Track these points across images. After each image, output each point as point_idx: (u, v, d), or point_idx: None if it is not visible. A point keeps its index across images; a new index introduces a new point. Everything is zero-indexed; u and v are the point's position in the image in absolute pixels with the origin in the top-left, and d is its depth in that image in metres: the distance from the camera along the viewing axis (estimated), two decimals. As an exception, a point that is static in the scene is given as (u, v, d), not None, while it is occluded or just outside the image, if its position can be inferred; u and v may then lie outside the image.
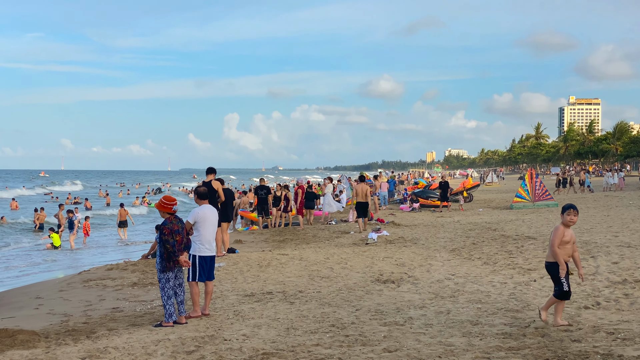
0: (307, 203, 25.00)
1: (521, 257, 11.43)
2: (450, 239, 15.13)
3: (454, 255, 12.42)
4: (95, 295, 9.82)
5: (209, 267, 8.02)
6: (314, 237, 17.90)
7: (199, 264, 7.90)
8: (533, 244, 12.93)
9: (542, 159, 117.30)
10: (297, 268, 11.31)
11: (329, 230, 19.30)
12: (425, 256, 12.39)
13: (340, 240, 16.28)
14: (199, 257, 7.91)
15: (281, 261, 12.04)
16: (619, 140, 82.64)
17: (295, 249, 14.34)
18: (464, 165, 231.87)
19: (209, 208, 8.17)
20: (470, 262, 11.36)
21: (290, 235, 18.53)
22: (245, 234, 20.02)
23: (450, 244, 14.10)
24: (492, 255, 11.84)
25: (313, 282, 9.95)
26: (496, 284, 9.23)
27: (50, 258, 18.31)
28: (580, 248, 11.74)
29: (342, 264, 11.69)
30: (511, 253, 11.93)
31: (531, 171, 28.97)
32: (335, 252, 13.37)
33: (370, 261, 11.92)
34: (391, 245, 14.52)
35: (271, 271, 11.06)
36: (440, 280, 9.70)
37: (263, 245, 16.79)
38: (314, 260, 12.08)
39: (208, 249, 7.99)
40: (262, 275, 10.67)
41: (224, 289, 9.61)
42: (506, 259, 11.35)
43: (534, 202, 27.47)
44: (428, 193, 30.34)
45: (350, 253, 13.11)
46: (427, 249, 13.56)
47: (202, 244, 7.92)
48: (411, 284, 9.54)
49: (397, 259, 12.05)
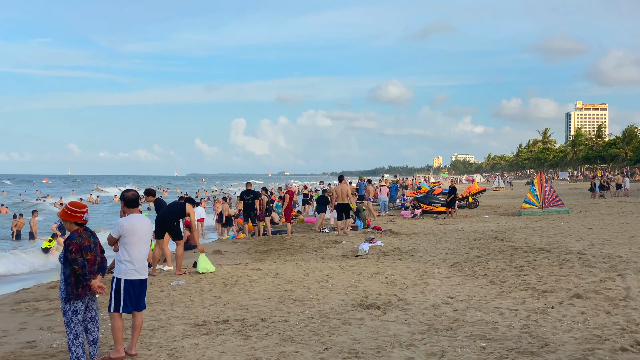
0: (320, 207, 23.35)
1: (534, 274, 9.65)
2: (451, 251, 13.36)
3: (454, 271, 10.64)
4: (18, 322, 8.09)
5: (138, 293, 6.28)
6: (301, 247, 16.15)
7: (124, 290, 6.16)
8: (547, 257, 11.14)
9: (550, 164, 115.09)
10: (268, 287, 9.56)
11: (319, 239, 17.55)
12: (421, 272, 10.63)
13: (329, 252, 14.52)
14: (124, 282, 6.17)
15: (252, 278, 10.30)
16: (628, 144, 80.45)
17: (274, 263, 12.59)
18: (470, 170, 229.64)
19: (140, 218, 6.43)
20: (473, 281, 9.59)
21: (276, 245, 16.79)
22: (227, 244, 18.29)
23: (451, 257, 12.33)
24: (500, 272, 10.05)
25: (282, 307, 8.20)
26: (504, 311, 7.46)
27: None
28: (602, 264, 9.96)
29: (323, 282, 9.94)
30: (522, 269, 10.14)
31: (540, 175, 27.13)
32: (318, 266, 11.62)
33: (356, 278, 10.17)
34: (384, 258, 12.76)
35: (237, 291, 9.32)
36: (437, 306, 7.94)
37: (243, 256, 15.06)
38: (290, 277, 10.34)
39: (137, 270, 6.25)
40: (224, 297, 8.93)
41: (172, 316, 7.88)
42: (516, 276, 9.57)
43: (543, 208, 25.66)
44: (431, 198, 28.54)
45: (336, 268, 11.36)
46: (424, 262, 11.79)
47: (129, 263, 6.20)
48: (400, 310, 7.78)
49: (388, 276, 10.29)
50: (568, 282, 8.82)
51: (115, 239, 6.23)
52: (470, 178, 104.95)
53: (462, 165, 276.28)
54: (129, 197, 6.51)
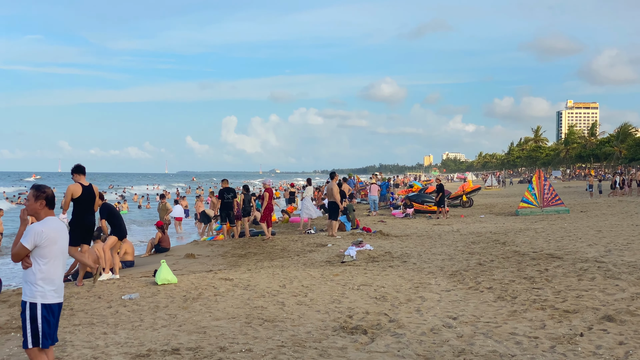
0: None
1: (549, 287, 8.21)
2: (449, 256, 11.91)
3: (454, 281, 9.18)
4: None
5: (56, 322, 4.79)
6: (282, 250, 14.66)
7: (42, 317, 4.66)
8: (560, 266, 9.71)
9: (542, 162, 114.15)
10: (236, 303, 8.06)
11: (302, 241, 16.06)
12: (415, 283, 9.16)
13: (312, 256, 13.04)
14: (41, 307, 4.66)
15: (218, 291, 8.80)
16: (622, 142, 79.40)
17: (249, 270, 11.09)
18: (461, 168, 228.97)
19: (58, 223, 4.91)
20: (477, 295, 8.13)
21: (255, 248, 15.28)
22: (203, 246, 16.76)
23: (449, 264, 10.87)
24: (508, 285, 8.60)
25: (248, 330, 6.71)
26: (522, 339, 5.99)
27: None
28: (628, 274, 8.54)
29: (301, 296, 8.45)
30: (534, 281, 8.70)
31: (539, 173, 25.78)
32: (298, 275, 10.13)
33: (340, 291, 8.69)
34: (373, 264, 11.29)
35: (197, 308, 7.82)
36: (436, 330, 6.47)
37: (218, 261, 13.56)
38: (263, 290, 8.84)
39: (56, 291, 4.75)
40: (181, 316, 7.43)
41: (113, 341, 6.37)
42: (528, 290, 8.12)
43: (542, 208, 24.34)
44: (423, 197, 27.13)
45: (318, 277, 9.87)
46: (419, 271, 10.33)
47: (46, 283, 4.69)
48: (392, 336, 6.30)
49: (377, 288, 8.81)
50: (592, 298, 7.39)
51: (27, 251, 4.69)
52: (461, 176, 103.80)
53: (453, 164, 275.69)
54: (50, 195, 4.96)
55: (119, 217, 11.16)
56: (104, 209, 11.03)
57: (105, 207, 11.14)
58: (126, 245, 14.44)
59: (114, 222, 10.89)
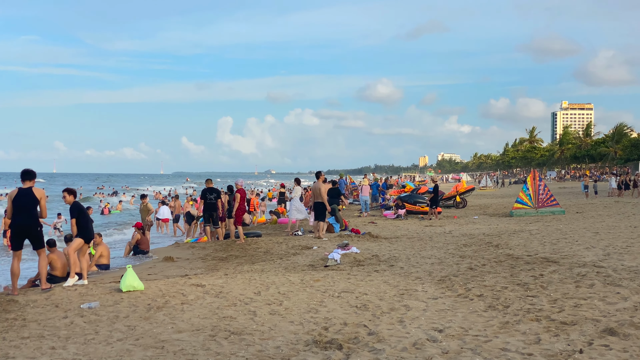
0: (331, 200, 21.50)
1: (544, 295, 7.56)
2: (438, 260, 11.26)
3: (442, 288, 8.53)
4: None
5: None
6: (265, 253, 14.00)
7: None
8: (557, 271, 9.07)
9: (537, 163, 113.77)
10: (204, 312, 7.39)
11: (287, 243, 15.39)
12: (401, 290, 8.51)
13: (295, 260, 12.39)
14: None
15: (187, 298, 8.13)
16: (618, 143, 78.91)
17: (226, 275, 10.41)
18: (456, 169, 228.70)
19: None
20: (467, 304, 7.47)
21: (238, 251, 14.61)
22: (183, 249, 16.08)
23: (438, 269, 10.22)
24: (500, 292, 7.95)
25: (211, 345, 6.03)
26: (514, 355, 5.34)
27: None
28: (629, 281, 7.92)
29: (275, 304, 7.78)
30: (527, 288, 8.05)
31: (534, 173, 25.19)
32: (276, 281, 9.47)
33: (319, 299, 8.03)
34: (358, 269, 10.64)
35: (160, 318, 7.15)
36: (420, 345, 5.80)
37: (197, 265, 12.89)
38: (235, 298, 8.17)
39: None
40: (141, 328, 6.75)
41: (60, 358, 5.70)
42: (522, 299, 7.47)
43: (537, 209, 23.78)
44: (416, 198, 26.51)
45: (297, 283, 9.21)
46: (405, 276, 9.68)
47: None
48: (369, 351, 5.64)
49: (359, 296, 8.16)
50: (592, 307, 6.75)
51: None
52: (456, 177, 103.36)
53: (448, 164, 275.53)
54: None
55: (87, 217, 10.47)
56: (74, 208, 10.32)
57: (75, 206, 10.42)
58: (102, 247, 13.78)
59: (81, 223, 10.21)
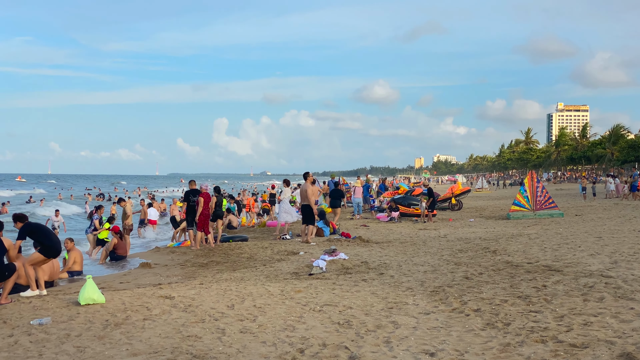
0: (333, 202, 21.09)
1: (549, 310, 6.75)
2: (432, 268, 10.45)
3: (436, 301, 7.71)
4: None
5: None
6: (248, 259, 13.18)
7: None
8: (561, 282, 8.27)
9: (533, 164, 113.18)
10: (167, 330, 6.57)
11: (273, 248, 14.57)
12: (390, 303, 7.69)
13: (279, 267, 11.57)
14: None
15: (151, 313, 7.30)
16: (614, 144, 78.29)
17: (201, 284, 9.58)
18: (452, 171, 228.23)
19: None
20: (462, 320, 6.66)
21: (220, 257, 13.79)
22: (163, 254, 15.23)
23: (431, 278, 9.41)
24: (499, 307, 7.14)
25: (167, 371, 5.22)
26: (517, 387, 4.54)
27: None
28: (643, 294, 7.11)
29: (248, 320, 6.96)
30: (530, 301, 7.25)
31: (532, 174, 24.42)
32: (254, 291, 8.64)
33: (298, 313, 7.21)
34: (345, 277, 9.83)
35: (117, 337, 6.32)
36: (407, 372, 5.00)
37: (174, 272, 12.06)
38: (205, 312, 7.34)
39: None
40: (92, 349, 5.92)
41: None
42: (524, 314, 6.67)
43: (535, 211, 22.98)
44: (409, 200, 25.72)
45: (276, 295, 8.39)
46: (396, 286, 8.87)
47: None
48: (349, 382, 4.83)
49: (342, 310, 7.34)
50: (604, 326, 5.95)
51: None
52: (452, 178, 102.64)
53: (443, 166, 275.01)
54: None
55: (46, 235, 9.42)
56: (22, 232, 9.19)
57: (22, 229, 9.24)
58: (74, 253, 12.97)
59: (43, 243, 9.24)
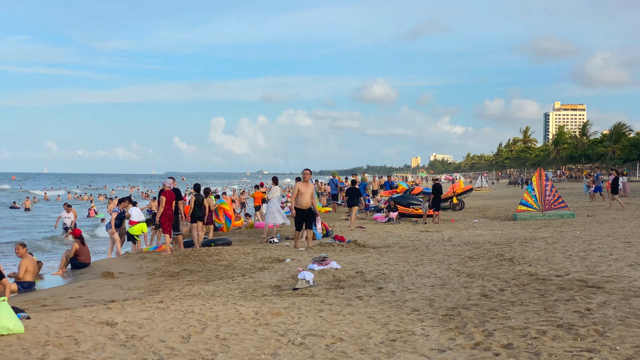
0: (351, 200, 19.65)
1: (607, 348, 5.02)
2: (440, 281, 8.72)
3: (450, 330, 5.99)
4: None
5: None
6: (226, 267, 11.45)
7: None
8: (607, 303, 6.55)
9: (531, 163, 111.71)
10: (90, 376, 4.84)
11: (256, 254, 12.84)
12: (392, 331, 5.96)
13: (260, 277, 9.85)
14: None
15: (79, 347, 5.55)
16: (616, 143, 76.74)
17: (161, 301, 7.83)
18: (449, 170, 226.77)
19: None
20: (490, 361, 4.95)
21: (194, 264, 12.07)
22: (131, 260, 13.46)
23: (441, 295, 7.69)
24: (538, 341, 5.40)
25: None
26: None
27: None
28: None
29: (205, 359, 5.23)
30: (577, 333, 5.51)
31: (540, 172, 22.76)
32: (221, 314, 6.90)
33: (272, 349, 5.47)
34: (336, 293, 8.10)
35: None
36: None
37: (139, 283, 10.34)
38: (150, 346, 5.59)
39: None
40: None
41: None
42: (575, 356, 4.93)
43: (543, 212, 21.32)
44: (409, 199, 24.04)
45: (249, 319, 6.65)
46: (398, 306, 7.14)
47: None
48: None
49: (330, 342, 5.61)
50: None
51: None
52: (450, 177, 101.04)
53: (440, 165, 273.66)
54: None
55: None
56: None
57: None
58: (26, 261, 11.27)
59: None
